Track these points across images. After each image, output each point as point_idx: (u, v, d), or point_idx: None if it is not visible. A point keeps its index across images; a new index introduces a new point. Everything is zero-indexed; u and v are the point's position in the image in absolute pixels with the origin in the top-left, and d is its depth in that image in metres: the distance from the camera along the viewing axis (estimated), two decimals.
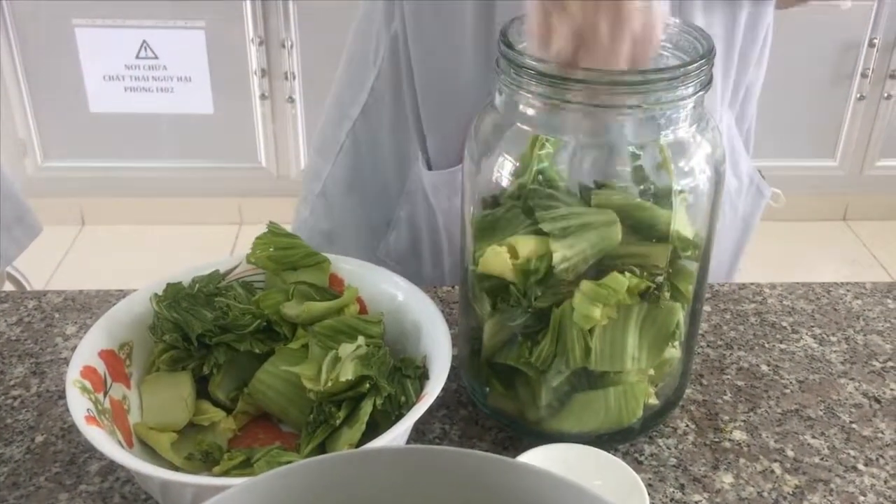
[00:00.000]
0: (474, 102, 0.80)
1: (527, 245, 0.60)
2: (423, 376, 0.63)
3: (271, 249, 0.71)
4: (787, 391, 0.73)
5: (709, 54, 0.58)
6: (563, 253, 0.58)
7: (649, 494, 0.59)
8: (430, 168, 0.86)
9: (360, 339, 0.64)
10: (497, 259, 0.61)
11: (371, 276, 0.71)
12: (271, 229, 0.71)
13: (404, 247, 0.91)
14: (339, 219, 0.94)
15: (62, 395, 0.70)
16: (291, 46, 2.42)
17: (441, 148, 0.85)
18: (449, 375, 0.61)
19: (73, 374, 0.60)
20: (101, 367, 0.63)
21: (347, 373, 0.61)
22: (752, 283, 0.86)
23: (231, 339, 0.65)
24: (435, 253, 0.91)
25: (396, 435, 0.56)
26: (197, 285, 0.68)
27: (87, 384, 0.60)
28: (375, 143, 0.90)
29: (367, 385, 0.61)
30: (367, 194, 0.92)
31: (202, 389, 0.67)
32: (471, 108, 0.81)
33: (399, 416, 0.59)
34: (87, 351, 0.63)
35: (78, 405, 0.58)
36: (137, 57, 2.48)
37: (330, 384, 0.61)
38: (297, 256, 0.71)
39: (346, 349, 0.63)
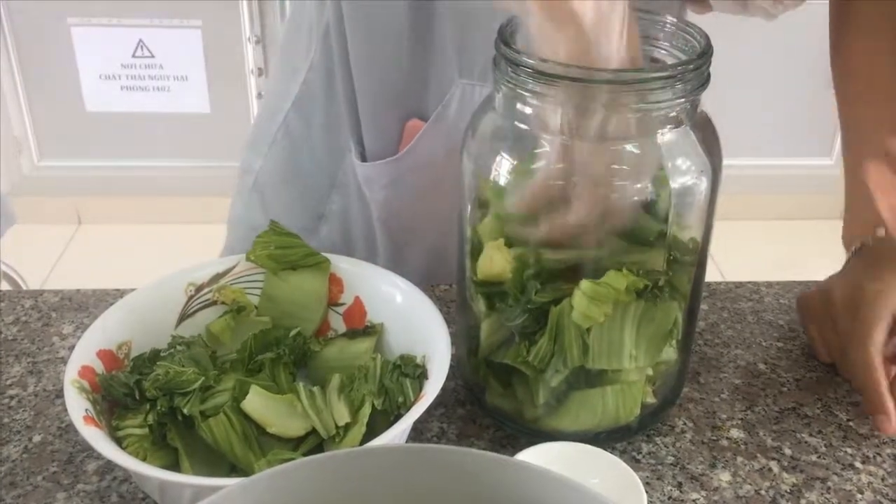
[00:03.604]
0: (412, 92, 0.80)
1: None
2: (421, 376, 0.63)
3: (272, 248, 0.71)
4: (785, 389, 0.73)
5: (706, 52, 0.58)
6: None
7: (647, 493, 0.59)
8: (364, 160, 0.85)
9: (336, 378, 0.63)
10: (494, 257, 0.61)
11: (370, 276, 0.71)
12: (273, 227, 0.71)
13: (337, 240, 0.91)
14: (273, 213, 0.91)
15: (59, 395, 0.70)
16: None
17: (377, 139, 0.84)
18: (447, 374, 0.61)
19: (71, 374, 0.60)
20: (99, 367, 0.63)
21: (344, 416, 0.61)
22: (748, 282, 0.87)
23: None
24: (368, 246, 0.90)
25: (395, 435, 0.56)
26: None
27: (86, 384, 0.60)
28: (308, 136, 0.89)
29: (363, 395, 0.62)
30: (299, 188, 0.91)
31: None
32: (409, 97, 0.81)
33: (398, 416, 0.59)
34: (86, 351, 0.63)
35: (76, 405, 0.58)
36: (134, 56, 2.48)
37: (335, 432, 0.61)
38: (297, 256, 0.71)
39: (332, 385, 0.63)
